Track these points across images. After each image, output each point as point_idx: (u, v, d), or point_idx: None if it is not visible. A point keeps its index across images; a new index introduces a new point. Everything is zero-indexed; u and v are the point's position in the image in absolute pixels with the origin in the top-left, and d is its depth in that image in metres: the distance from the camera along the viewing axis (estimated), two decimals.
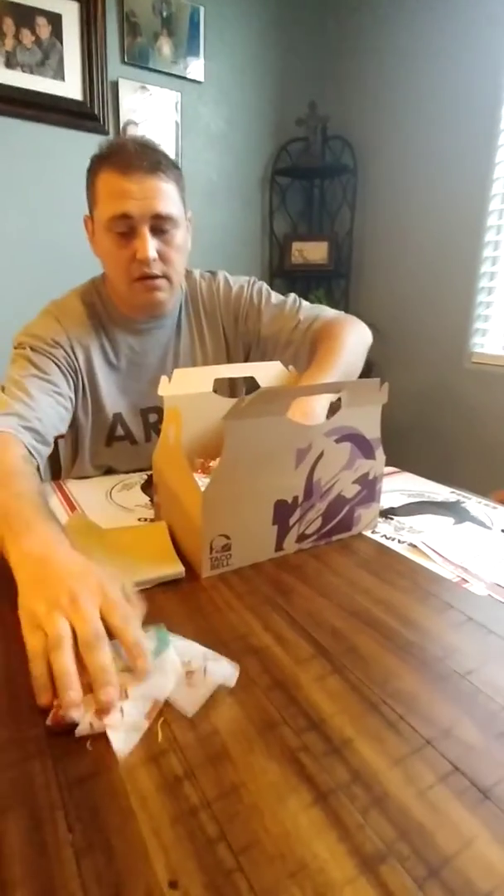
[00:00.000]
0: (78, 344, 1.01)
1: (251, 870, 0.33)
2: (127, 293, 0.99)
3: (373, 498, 0.81)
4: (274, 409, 0.66)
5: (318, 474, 0.73)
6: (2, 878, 0.33)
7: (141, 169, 0.89)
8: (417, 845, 0.35)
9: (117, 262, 0.95)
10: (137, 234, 0.92)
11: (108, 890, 0.32)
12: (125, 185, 0.89)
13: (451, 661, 0.53)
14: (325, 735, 0.43)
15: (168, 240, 0.95)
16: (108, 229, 0.92)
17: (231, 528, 0.68)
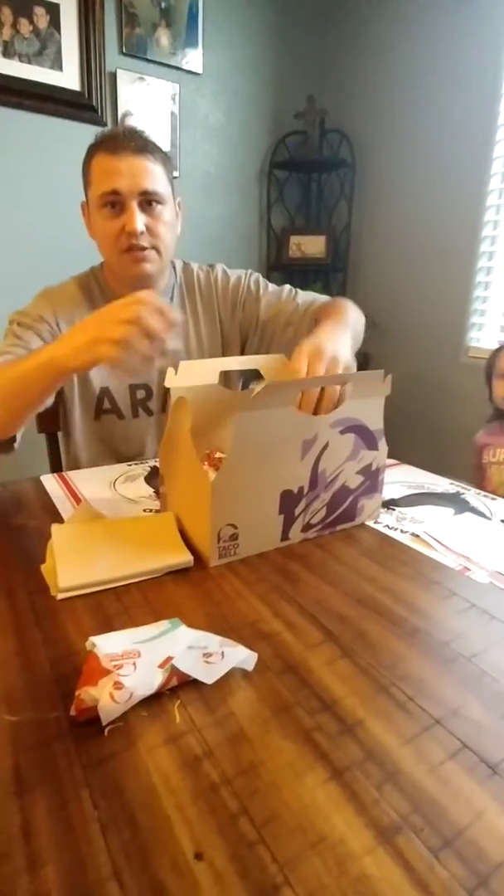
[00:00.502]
0: (64, 318, 1.06)
1: (273, 842, 0.34)
2: (117, 266, 1.04)
3: (375, 488, 0.82)
4: (281, 401, 0.68)
5: (322, 465, 0.74)
6: (32, 854, 0.34)
7: (129, 149, 0.96)
8: (431, 818, 0.36)
9: (108, 236, 1.00)
10: (126, 208, 0.98)
11: (135, 862, 0.33)
12: (115, 164, 0.95)
13: (457, 645, 0.54)
14: (337, 716, 0.45)
15: (155, 215, 1.01)
16: (100, 206, 0.99)
17: (238, 517, 0.70)
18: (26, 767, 0.40)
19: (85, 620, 0.57)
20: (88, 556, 0.67)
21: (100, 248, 1.07)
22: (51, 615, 0.58)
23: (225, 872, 0.33)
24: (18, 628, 0.55)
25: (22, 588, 0.63)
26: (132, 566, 0.65)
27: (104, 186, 0.96)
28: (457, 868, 0.33)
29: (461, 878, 0.33)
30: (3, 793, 0.38)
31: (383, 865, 0.33)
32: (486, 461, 1.43)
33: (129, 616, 0.57)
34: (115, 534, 0.74)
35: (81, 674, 0.46)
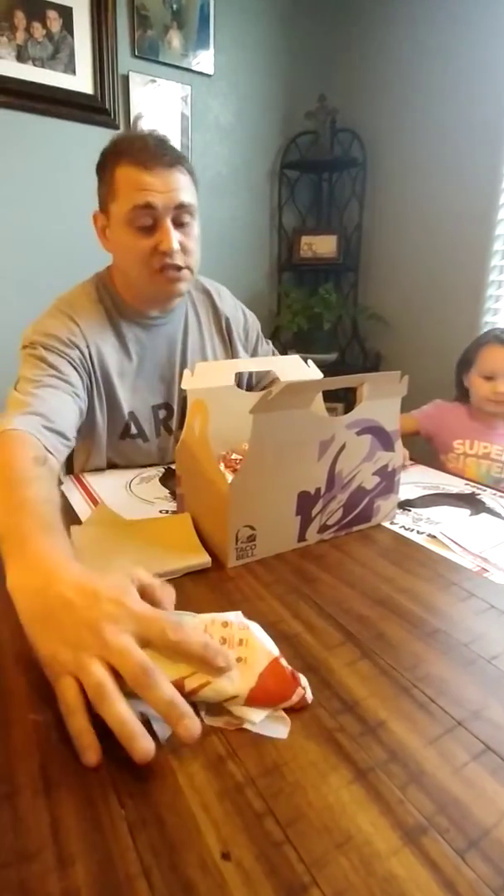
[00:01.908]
0: (93, 342, 0.99)
1: (299, 841, 0.35)
2: (147, 285, 0.99)
3: (391, 489, 0.82)
4: (299, 402, 0.68)
5: (339, 466, 0.75)
6: (62, 853, 0.34)
7: (162, 163, 0.91)
8: (456, 818, 0.36)
9: (137, 255, 0.95)
10: (160, 225, 0.93)
11: (163, 861, 0.34)
12: (148, 179, 0.90)
13: (477, 646, 0.54)
14: (359, 716, 0.45)
15: (188, 232, 0.97)
16: (129, 222, 0.93)
17: (256, 519, 0.70)
18: (52, 766, 0.40)
19: None
20: (107, 557, 0.68)
21: (121, 265, 1.02)
22: None
23: (252, 872, 0.33)
24: None
25: None
26: (151, 567, 0.65)
27: (136, 200, 0.91)
28: (483, 868, 0.33)
29: (488, 879, 0.33)
30: (31, 791, 0.38)
31: (410, 866, 0.33)
32: (460, 452, 1.40)
33: None
34: (133, 535, 0.74)
35: None
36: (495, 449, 1.38)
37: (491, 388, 1.38)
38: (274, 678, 0.45)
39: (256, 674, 0.45)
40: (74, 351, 0.96)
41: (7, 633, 0.55)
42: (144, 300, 1.03)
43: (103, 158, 0.97)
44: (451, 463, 1.38)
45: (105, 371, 1.01)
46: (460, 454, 1.38)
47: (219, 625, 0.49)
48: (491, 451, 1.38)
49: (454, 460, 1.38)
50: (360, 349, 2.57)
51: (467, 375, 1.46)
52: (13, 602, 0.48)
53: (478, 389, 1.42)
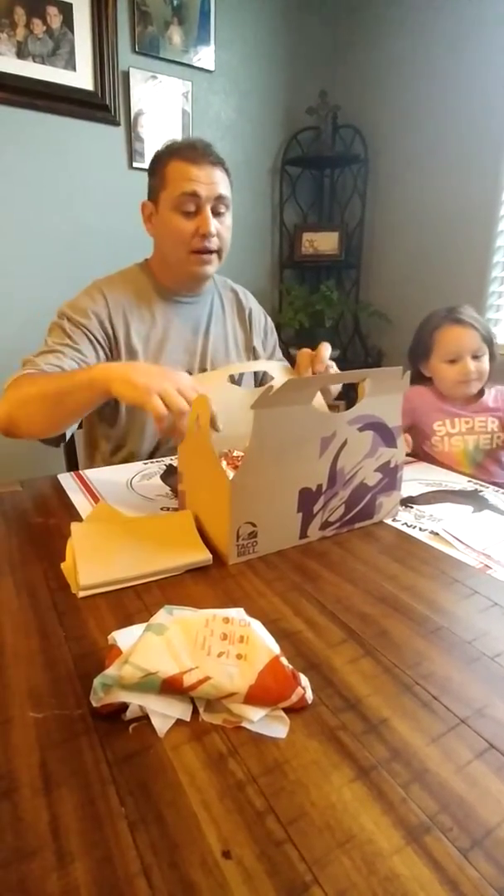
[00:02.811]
0: (118, 311, 1.12)
1: (301, 840, 0.34)
2: (182, 263, 1.12)
3: (394, 486, 0.82)
4: (300, 399, 0.67)
5: (341, 462, 0.74)
6: (61, 851, 0.34)
7: (208, 161, 1.07)
8: (459, 817, 0.36)
9: (180, 235, 1.08)
10: (201, 212, 1.08)
11: (163, 860, 0.34)
12: (195, 172, 1.06)
13: (480, 644, 0.54)
14: (361, 714, 0.45)
15: (223, 221, 1.12)
16: (176, 207, 1.07)
17: (257, 515, 0.70)
18: (52, 764, 0.40)
19: (107, 618, 0.57)
20: (108, 554, 0.67)
21: (161, 246, 1.15)
22: (73, 613, 0.58)
23: (253, 871, 0.33)
24: (41, 626, 0.56)
25: (43, 586, 0.63)
26: (152, 564, 0.66)
27: (184, 188, 1.05)
28: (486, 868, 0.33)
29: (491, 878, 0.32)
30: (31, 790, 0.38)
31: (412, 865, 0.33)
32: (442, 434, 1.30)
33: (150, 613, 0.57)
34: (133, 532, 0.74)
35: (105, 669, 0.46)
36: (478, 420, 1.30)
37: (458, 370, 1.29)
38: (274, 676, 0.45)
39: (256, 671, 0.45)
40: (93, 320, 1.09)
41: (7, 632, 0.55)
42: (176, 279, 1.17)
43: (157, 156, 1.12)
44: (436, 447, 1.30)
45: (128, 335, 1.13)
46: (443, 436, 1.30)
47: (220, 621, 0.49)
48: (474, 424, 1.30)
49: (439, 444, 1.29)
50: (362, 346, 2.56)
51: (426, 364, 1.38)
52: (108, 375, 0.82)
53: (445, 375, 1.32)
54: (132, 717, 0.44)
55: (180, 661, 0.45)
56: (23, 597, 0.61)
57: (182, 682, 0.44)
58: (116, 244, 2.03)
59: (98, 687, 0.44)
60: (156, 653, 0.45)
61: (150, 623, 0.49)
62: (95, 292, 1.12)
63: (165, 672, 0.44)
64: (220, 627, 0.48)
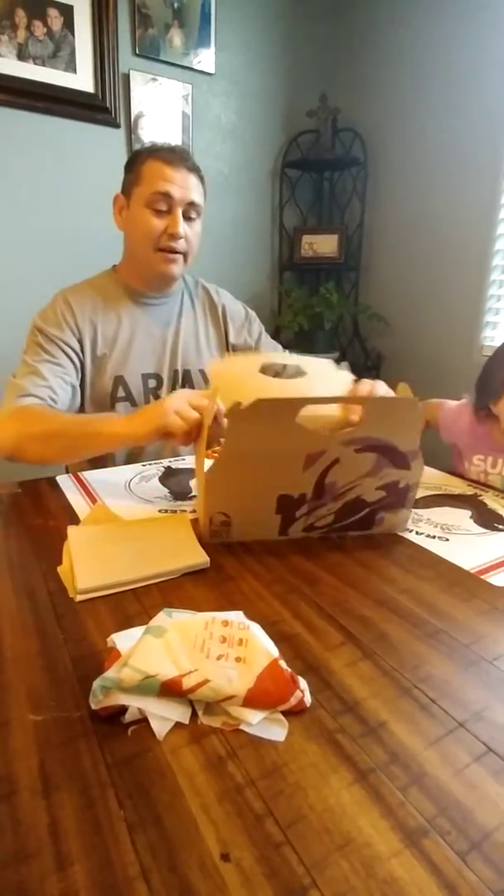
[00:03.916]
0: (84, 316, 1.13)
1: (300, 843, 0.34)
2: (149, 260, 1.13)
3: (402, 504, 0.78)
4: (275, 417, 0.68)
5: (332, 477, 0.73)
6: (60, 853, 0.34)
7: (185, 166, 1.09)
8: (457, 821, 0.36)
9: (148, 232, 1.09)
10: (172, 212, 1.09)
11: (162, 863, 0.34)
12: (171, 173, 1.07)
13: (479, 647, 0.54)
14: (360, 717, 0.45)
15: (192, 226, 1.13)
16: (148, 204, 1.08)
17: (230, 508, 0.74)
18: (51, 767, 0.40)
19: (106, 620, 0.57)
20: (105, 557, 0.67)
21: (128, 241, 1.17)
22: (72, 615, 0.58)
23: (252, 874, 0.33)
24: (40, 628, 0.56)
25: (42, 588, 0.63)
26: (149, 567, 0.66)
27: (158, 187, 1.07)
28: (485, 871, 0.33)
29: (489, 881, 0.32)
30: (30, 792, 0.38)
31: (411, 868, 0.33)
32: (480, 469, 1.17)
33: (149, 616, 0.57)
34: (131, 535, 0.74)
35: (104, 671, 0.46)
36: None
37: None
38: (272, 679, 0.45)
39: (255, 674, 0.45)
40: (66, 330, 1.10)
41: (6, 634, 0.55)
42: (143, 278, 1.18)
43: (135, 154, 1.13)
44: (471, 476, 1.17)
45: (94, 341, 1.14)
46: (481, 471, 1.17)
47: (219, 623, 0.49)
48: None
49: (474, 474, 1.17)
50: (362, 349, 2.57)
51: (496, 403, 1.15)
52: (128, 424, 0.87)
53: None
54: (131, 719, 0.44)
55: (179, 664, 0.45)
56: (22, 599, 0.61)
57: (181, 684, 0.44)
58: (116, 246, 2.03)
59: (97, 689, 0.44)
60: (155, 655, 0.45)
61: (150, 626, 0.49)
62: (61, 302, 1.13)
63: (164, 675, 0.44)
64: (219, 630, 0.48)
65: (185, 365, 1.22)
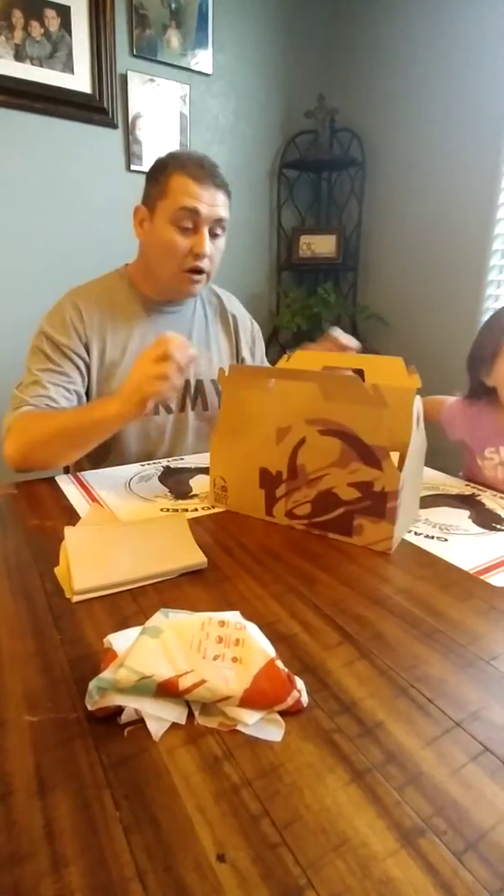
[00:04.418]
0: (95, 323, 1.10)
1: (295, 844, 0.34)
2: (170, 279, 1.10)
3: (381, 514, 0.72)
4: (258, 385, 0.77)
5: (302, 459, 0.76)
6: (56, 854, 0.34)
7: (213, 183, 1.06)
8: (454, 820, 0.36)
9: (173, 250, 1.06)
10: (198, 231, 1.06)
11: (158, 863, 0.34)
12: (199, 190, 1.04)
13: (476, 647, 0.54)
14: (357, 717, 0.45)
15: (218, 244, 1.11)
16: (174, 220, 1.05)
17: (227, 474, 0.84)
18: (47, 768, 0.40)
19: (102, 621, 0.57)
20: (102, 558, 0.67)
21: (149, 254, 1.12)
22: (68, 616, 0.58)
23: (248, 874, 0.33)
24: (37, 629, 0.56)
25: (39, 589, 0.63)
26: (146, 568, 0.66)
27: (185, 203, 1.03)
28: (481, 871, 0.33)
29: (485, 881, 0.32)
30: (26, 793, 0.38)
31: (407, 868, 0.33)
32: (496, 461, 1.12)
33: (146, 617, 0.57)
34: (128, 535, 0.74)
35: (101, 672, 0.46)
36: None
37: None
38: (269, 680, 0.45)
39: (252, 675, 0.45)
40: (73, 338, 1.08)
41: (3, 635, 0.55)
42: (161, 292, 1.15)
43: (161, 164, 1.08)
44: (487, 472, 1.12)
45: (103, 350, 1.11)
46: (496, 465, 1.11)
47: (216, 624, 0.49)
48: None
49: (490, 469, 1.11)
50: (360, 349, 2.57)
51: (489, 372, 1.11)
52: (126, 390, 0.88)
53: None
54: (127, 720, 0.43)
55: (176, 665, 0.45)
56: (18, 599, 0.61)
57: (177, 685, 0.44)
58: (114, 247, 2.02)
59: (93, 690, 0.44)
60: (151, 656, 0.45)
61: (146, 626, 0.49)
62: (70, 306, 1.10)
63: (161, 675, 0.44)
64: (215, 630, 0.48)
65: (197, 376, 1.20)
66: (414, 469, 0.77)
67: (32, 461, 0.97)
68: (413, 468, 0.76)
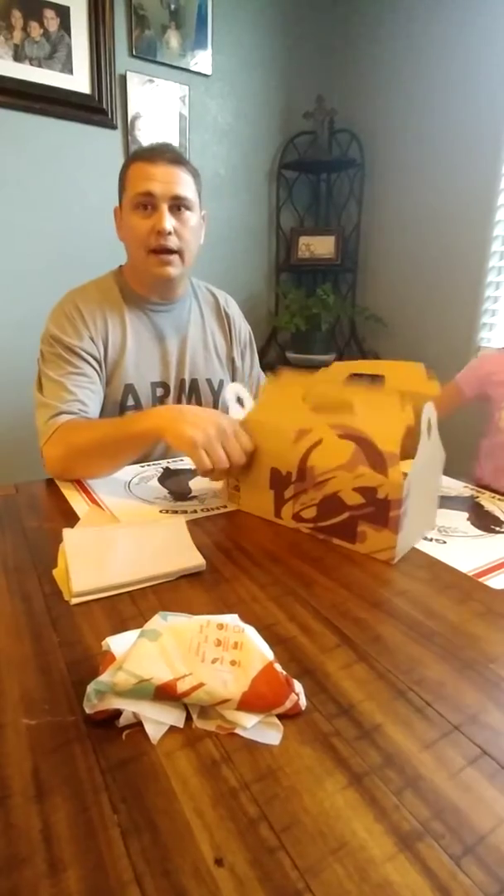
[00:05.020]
0: (97, 323, 1.10)
1: (293, 848, 0.34)
2: (142, 265, 1.10)
3: (383, 522, 0.71)
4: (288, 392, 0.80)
5: (312, 460, 0.76)
6: (53, 858, 0.34)
7: (164, 159, 1.05)
8: (452, 824, 0.36)
9: (137, 235, 1.07)
10: (157, 209, 1.05)
11: (156, 868, 0.33)
12: (150, 170, 1.04)
13: (474, 650, 0.54)
14: (355, 720, 0.45)
15: (184, 220, 1.08)
16: (134, 207, 1.06)
17: (240, 473, 0.84)
18: (45, 771, 0.40)
19: (101, 624, 0.57)
20: (101, 560, 0.67)
21: (127, 249, 1.13)
22: (67, 618, 0.58)
23: (246, 878, 0.33)
24: (35, 631, 0.56)
25: (37, 591, 0.63)
26: (145, 570, 0.66)
27: (139, 188, 1.04)
28: (479, 875, 0.33)
29: (483, 885, 0.32)
30: (23, 797, 0.38)
31: (405, 872, 0.33)
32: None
33: (144, 619, 0.57)
34: (126, 537, 0.74)
35: (99, 675, 0.46)
36: None
37: None
38: (267, 683, 0.45)
39: (250, 678, 0.45)
40: (84, 338, 1.08)
41: (1, 636, 0.55)
42: (144, 284, 1.15)
43: (124, 164, 1.10)
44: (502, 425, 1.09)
45: (106, 344, 1.12)
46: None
47: (214, 627, 0.49)
48: None
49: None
50: (358, 350, 2.57)
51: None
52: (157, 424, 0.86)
53: None
54: (126, 723, 0.43)
55: (174, 668, 0.45)
56: (16, 601, 0.61)
57: (176, 688, 0.44)
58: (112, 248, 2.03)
59: (91, 693, 0.44)
60: (150, 659, 0.45)
61: (144, 629, 0.49)
62: (72, 308, 1.10)
63: (159, 678, 0.44)
64: (214, 633, 0.48)
65: (192, 374, 1.20)
66: (424, 479, 0.75)
67: (73, 471, 0.97)
68: (422, 478, 0.74)
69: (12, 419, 1.99)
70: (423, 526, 0.81)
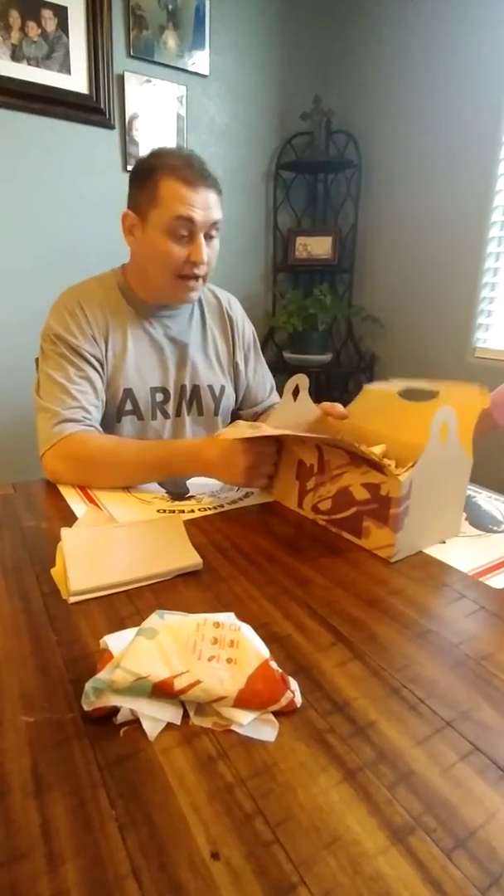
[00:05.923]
0: (98, 324, 1.09)
1: (288, 842, 0.35)
2: (167, 287, 1.08)
3: (384, 519, 0.72)
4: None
5: (328, 455, 0.79)
6: (52, 853, 0.35)
7: (205, 184, 1.02)
8: (444, 818, 0.37)
9: (168, 259, 1.03)
10: (195, 238, 1.03)
11: (153, 861, 0.34)
12: (192, 196, 1.00)
13: (467, 647, 0.55)
14: (349, 717, 0.45)
15: (213, 246, 1.08)
16: (169, 230, 1.01)
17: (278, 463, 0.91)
18: (44, 767, 0.40)
19: (99, 622, 0.58)
20: (99, 559, 0.68)
21: (144, 263, 1.09)
22: (65, 617, 0.58)
23: (241, 872, 0.33)
24: (33, 630, 0.56)
25: (36, 590, 0.64)
26: (142, 569, 0.66)
27: (180, 211, 0.99)
28: (469, 868, 0.34)
29: (474, 878, 0.33)
30: (22, 793, 0.38)
31: (397, 865, 0.34)
32: None
33: (142, 618, 0.57)
34: (124, 537, 0.74)
35: (97, 673, 0.46)
36: None
37: None
38: (263, 680, 0.46)
39: (246, 675, 0.46)
40: (88, 338, 1.07)
41: (0, 635, 0.55)
42: (157, 297, 1.12)
43: (144, 166, 1.03)
44: None
45: (107, 346, 1.10)
46: None
47: (210, 625, 0.49)
48: None
49: None
50: (356, 350, 2.58)
51: None
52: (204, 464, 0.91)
53: None
54: (123, 720, 0.44)
55: (171, 666, 0.46)
56: (15, 600, 0.61)
57: (173, 685, 0.45)
58: (110, 247, 2.04)
59: (89, 691, 0.44)
60: (147, 657, 0.46)
61: (142, 627, 0.49)
62: (75, 305, 1.08)
63: (156, 676, 0.45)
64: (210, 632, 0.49)
65: (193, 380, 1.19)
66: (434, 481, 0.74)
67: (75, 483, 0.97)
68: (432, 480, 0.73)
69: (11, 419, 1.99)
70: (441, 531, 0.79)
